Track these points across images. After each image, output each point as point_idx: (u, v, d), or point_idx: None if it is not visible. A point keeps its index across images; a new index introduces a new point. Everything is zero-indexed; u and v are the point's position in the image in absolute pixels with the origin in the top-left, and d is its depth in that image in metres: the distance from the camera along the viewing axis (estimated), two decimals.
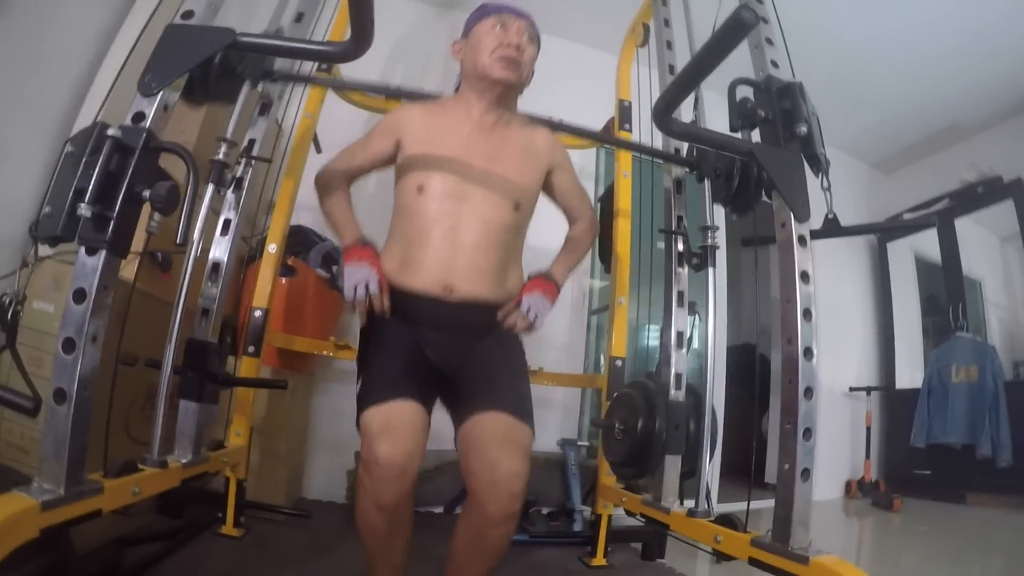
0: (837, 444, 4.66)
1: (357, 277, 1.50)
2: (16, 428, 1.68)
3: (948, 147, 4.89)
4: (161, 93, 1.24)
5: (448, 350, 1.55)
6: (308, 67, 2.27)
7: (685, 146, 2.22)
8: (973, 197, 4.53)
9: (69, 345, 1.12)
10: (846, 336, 4.89)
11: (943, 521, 3.91)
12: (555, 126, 1.93)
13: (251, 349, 2.10)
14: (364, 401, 1.38)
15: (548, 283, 1.63)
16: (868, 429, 4.63)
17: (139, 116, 1.22)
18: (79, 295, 1.14)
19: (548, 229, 1.85)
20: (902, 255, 5.22)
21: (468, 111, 1.65)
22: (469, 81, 1.66)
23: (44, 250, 1.70)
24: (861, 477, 4.57)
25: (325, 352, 2.55)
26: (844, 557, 1.30)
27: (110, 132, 1.15)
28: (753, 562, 1.44)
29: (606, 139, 2.33)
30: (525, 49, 1.61)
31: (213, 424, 1.95)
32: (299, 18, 2.02)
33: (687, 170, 2.13)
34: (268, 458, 2.40)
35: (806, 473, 1.40)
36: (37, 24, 2.02)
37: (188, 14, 1.34)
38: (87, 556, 1.49)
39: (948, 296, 4.70)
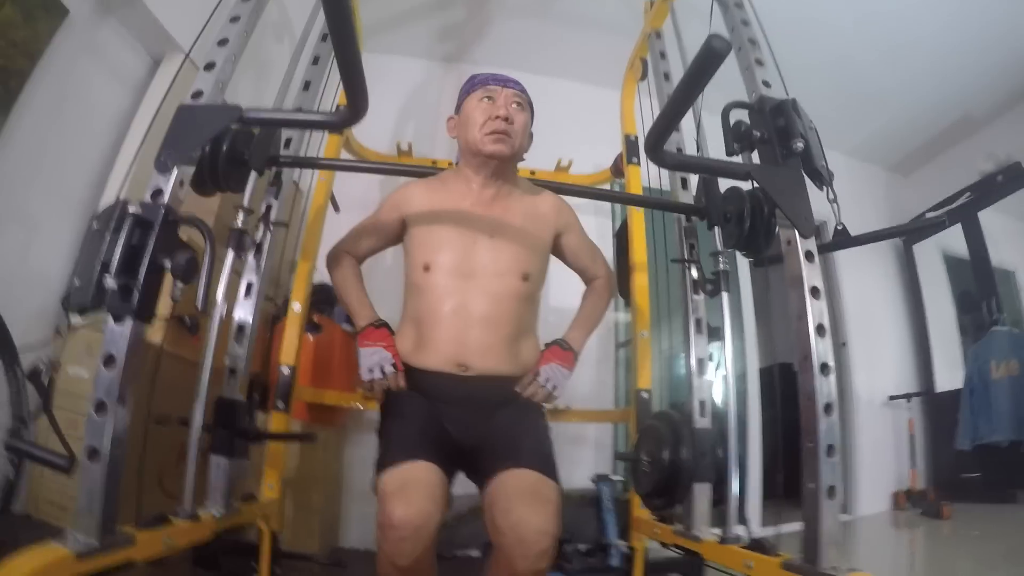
0: (881, 455, 4.56)
1: (373, 360, 1.54)
2: (55, 486, 1.76)
3: (963, 140, 4.82)
4: (176, 169, 1.31)
5: (467, 423, 1.55)
6: (316, 143, 2.37)
7: (693, 178, 2.25)
8: (994, 187, 4.43)
9: (101, 407, 1.19)
10: (880, 345, 4.81)
11: (996, 523, 3.79)
12: (558, 189, 1.95)
13: (280, 404, 2.15)
14: (380, 466, 1.39)
15: (565, 352, 1.64)
16: (912, 437, 4.53)
17: (157, 192, 1.29)
18: (109, 360, 1.20)
19: (566, 291, 1.87)
20: (930, 255, 5.14)
21: (468, 185, 1.68)
22: (466, 157, 1.70)
23: (77, 319, 1.79)
24: (908, 487, 4.45)
25: (354, 404, 2.59)
26: (895, 571, 1.26)
27: (131, 209, 1.23)
28: None
29: (610, 196, 2.37)
30: (515, 119, 1.63)
31: (246, 478, 1.99)
32: (306, 86, 2.11)
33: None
34: (302, 509, 2.44)
35: (832, 491, 1.37)
36: (62, 107, 2.12)
37: (198, 94, 1.42)
38: None
39: (980, 291, 4.60)
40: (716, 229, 1.97)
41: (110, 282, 1.17)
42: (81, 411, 1.71)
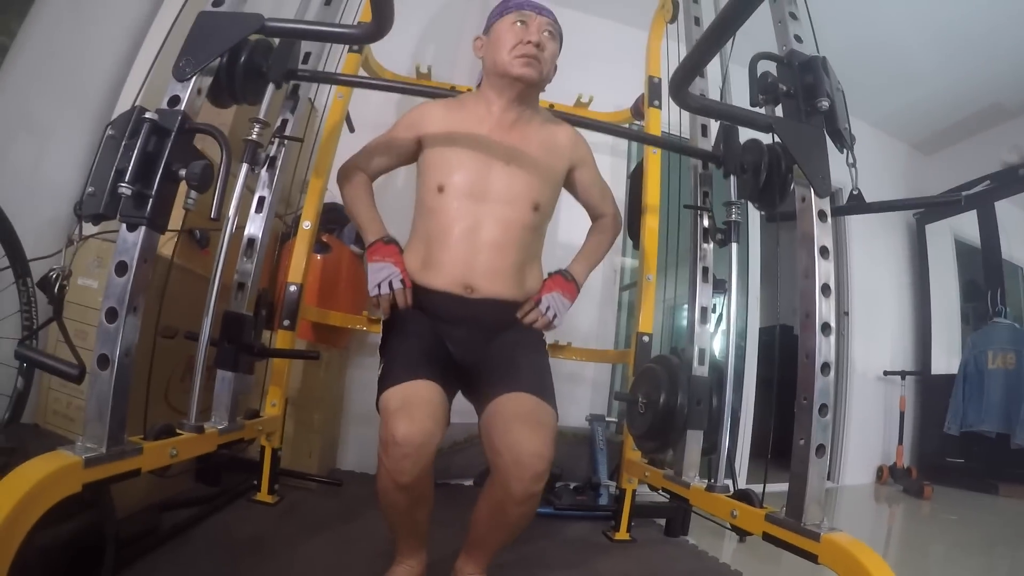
0: (870, 428, 4.63)
1: (381, 275, 1.56)
2: (63, 397, 1.78)
3: (990, 128, 4.78)
4: (195, 77, 1.30)
5: (468, 344, 1.59)
6: (334, 61, 2.34)
7: (713, 126, 2.21)
8: (1015, 179, 4.41)
9: (112, 315, 1.19)
10: (882, 319, 4.84)
11: (974, 511, 3.86)
12: (577, 122, 1.93)
13: (286, 323, 2.17)
14: (383, 383, 1.40)
15: (568, 283, 1.67)
16: (901, 414, 4.59)
17: (175, 100, 1.28)
18: (121, 268, 1.20)
19: (576, 227, 1.87)
20: (942, 238, 5.12)
21: (488, 108, 1.66)
22: (490, 78, 1.67)
23: (88, 230, 1.79)
24: (893, 463, 4.53)
25: (358, 326, 2.61)
26: (872, 542, 1.29)
27: (148, 115, 1.21)
28: (767, 537, 1.46)
29: (629, 135, 2.35)
30: (545, 46, 1.62)
31: (249, 394, 2.05)
32: (328, 1, 2.06)
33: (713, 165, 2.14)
34: (303, 428, 2.48)
35: (821, 449, 1.40)
36: (77, 14, 2.07)
37: (218, 2, 1.39)
38: (127, 518, 1.57)
39: (986, 280, 4.60)
40: (732, 178, 1.95)
41: (124, 189, 1.16)
42: (89, 321, 1.73)
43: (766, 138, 1.67)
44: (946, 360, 4.81)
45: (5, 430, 1.60)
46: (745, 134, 1.79)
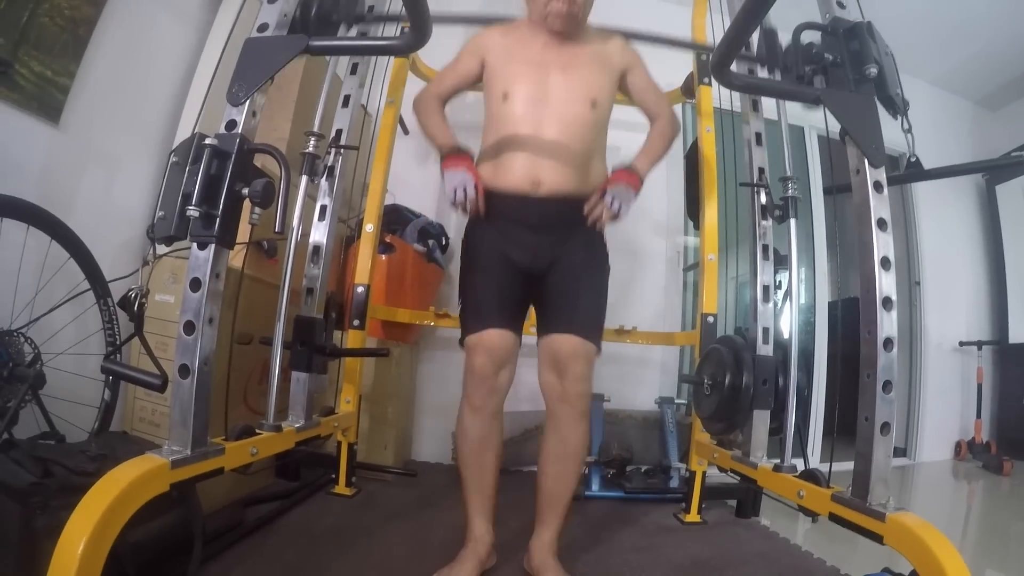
0: (946, 402, 4.43)
1: (455, 181, 1.65)
2: (148, 405, 1.91)
3: None
4: (249, 100, 1.36)
5: (536, 249, 1.69)
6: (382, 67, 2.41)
7: (765, 102, 2.18)
8: None
9: (189, 327, 1.28)
10: (955, 287, 4.60)
11: None
12: (629, 35, 1.96)
13: (356, 323, 2.26)
14: (464, 327, 1.68)
15: (631, 174, 1.70)
16: (979, 386, 4.38)
17: (231, 124, 1.35)
18: (195, 284, 1.28)
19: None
20: (1014, 197, 4.78)
21: (540, 31, 1.77)
22: (532, 16, 1.78)
23: (161, 250, 1.91)
24: (972, 437, 4.33)
25: (426, 322, 2.69)
26: (949, 521, 1.25)
27: (208, 141, 1.28)
28: (833, 518, 1.45)
29: (676, 42, 2.33)
30: None
31: (324, 393, 2.14)
32: (370, 10, 2.09)
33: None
34: (377, 423, 2.57)
35: (886, 427, 1.37)
36: (130, 51, 2.21)
37: (263, 27, 1.46)
38: (213, 514, 1.68)
39: None
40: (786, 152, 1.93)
41: (192, 211, 1.23)
42: (169, 334, 1.84)
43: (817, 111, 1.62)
44: None
45: (96, 438, 1.71)
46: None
